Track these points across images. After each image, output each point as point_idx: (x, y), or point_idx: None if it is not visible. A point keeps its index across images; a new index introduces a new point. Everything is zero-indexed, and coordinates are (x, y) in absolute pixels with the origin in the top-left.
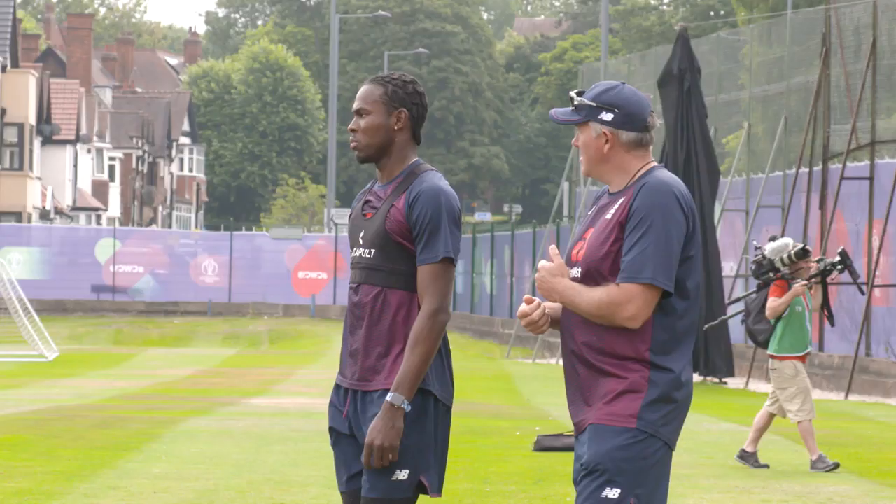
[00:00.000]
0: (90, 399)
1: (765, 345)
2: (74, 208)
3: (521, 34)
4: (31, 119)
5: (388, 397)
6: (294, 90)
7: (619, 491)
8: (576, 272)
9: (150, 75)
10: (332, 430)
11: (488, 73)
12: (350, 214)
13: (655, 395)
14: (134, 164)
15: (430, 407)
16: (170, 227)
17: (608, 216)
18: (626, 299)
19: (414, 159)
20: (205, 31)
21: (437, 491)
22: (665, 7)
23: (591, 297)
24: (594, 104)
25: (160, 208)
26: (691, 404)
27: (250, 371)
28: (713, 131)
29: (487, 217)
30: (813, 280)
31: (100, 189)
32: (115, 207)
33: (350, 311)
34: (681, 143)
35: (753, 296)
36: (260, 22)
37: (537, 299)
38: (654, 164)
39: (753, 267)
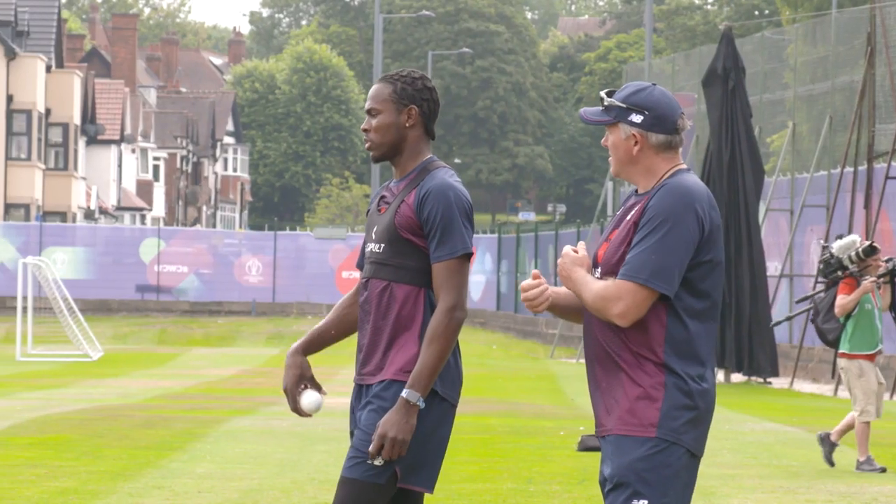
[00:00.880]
0: (134, 399)
1: (834, 343)
2: (119, 208)
3: (565, 34)
4: (76, 119)
5: (404, 393)
6: (338, 90)
7: (646, 502)
8: (597, 273)
9: (194, 75)
10: (351, 432)
11: (532, 73)
12: (367, 210)
13: (673, 401)
14: (178, 164)
15: (427, 399)
16: (214, 226)
17: (629, 217)
18: (617, 296)
19: (427, 156)
20: (249, 31)
21: (422, 484)
22: (709, 6)
23: (591, 288)
24: (624, 105)
25: (204, 208)
26: (733, 404)
27: None
28: (758, 131)
29: (531, 217)
30: (881, 279)
31: (144, 189)
32: (159, 207)
33: (360, 306)
34: (725, 143)
35: (822, 294)
36: (304, 22)
37: (542, 278)
38: (682, 166)
39: (821, 266)
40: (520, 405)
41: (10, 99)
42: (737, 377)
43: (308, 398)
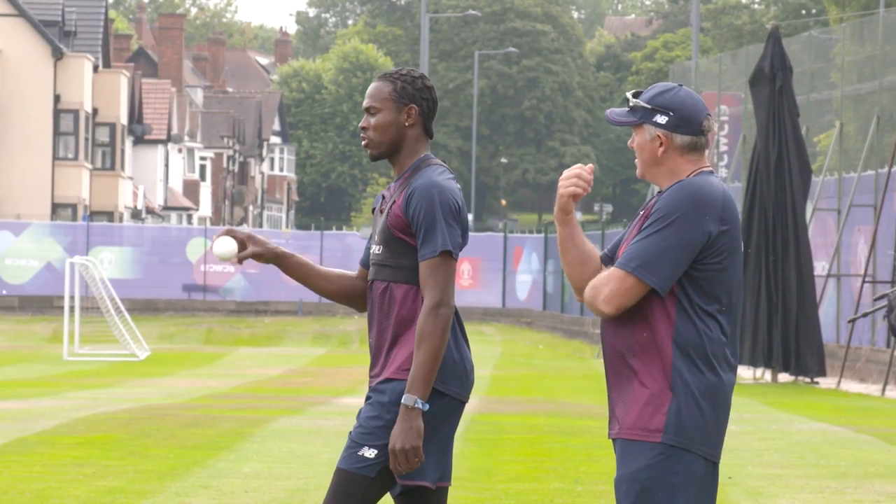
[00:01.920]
0: (181, 398)
1: None
2: (165, 208)
3: (612, 33)
4: (123, 119)
5: (403, 399)
6: None
7: None
8: None
9: (240, 75)
10: None
11: (578, 73)
12: (372, 209)
13: (681, 406)
14: (225, 164)
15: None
16: (260, 226)
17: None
18: (605, 282)
19: (422, 154)
20: (295, 30)
21: (422, 478)
22: (756, 6)
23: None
24: (649, 106)
25: (251, 208)
26: (780, 403)
27: (340, 370)
28: (805, 130)
29: (578, 216)
30: None
31: (191, 188)
32: (205, 207)
33: (368, 308)
34: (773, 143)
35: None
36: (350, 21)
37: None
38: (706, 168)
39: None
40: (566, 405)
41: (57, 99)
42: (784, 377)
43: (224, 244)
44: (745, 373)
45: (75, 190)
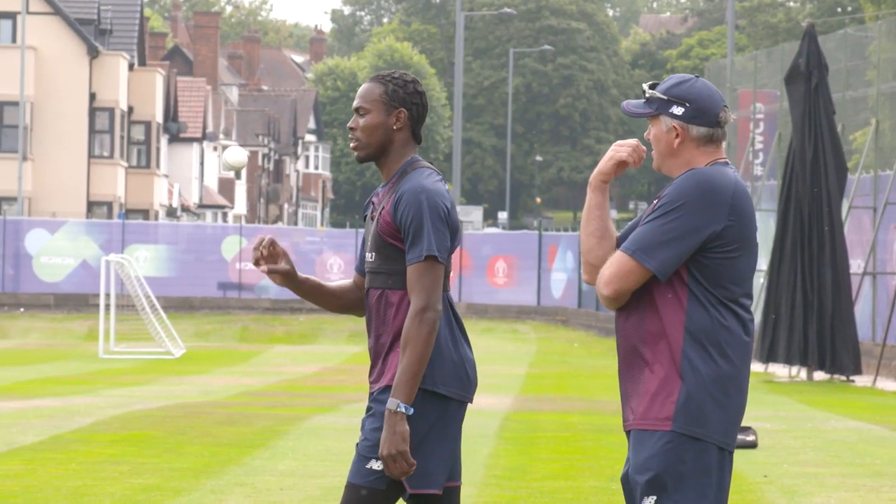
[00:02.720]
0: (216, 396)
1: None
2: (201, 206)
3: (647, 31)
4: (158, 117)
5: (388, 403)
6: None
7: (654, 498)
8: None
9: (275, 73)
10: None
11: (614, 71)
12: (363, 216)
13: (691, 393)
14: (260, 162)
15: (417, 400)
16: (295, 224)
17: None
18: (608, 265)
19: (408, 157)
20: (330, 28)
21: (428, 486)
22: (792, 3)
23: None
24: (665, 97)
25: (286, 206)
26: (816, 402)
27: None
28: (840, 128)
29: (613, 214)
30: None
31: (226, 187)
32: (241, 205)
33: (366, 316)
34: (808, 141)
35: None
36: (385, 19)
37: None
38: (721, 160)
39: None
40: (601, 403)
41: (92, 97)
42: (819, 375)
43: (236, 152)
44: (780, 371)
45: (111, 188)
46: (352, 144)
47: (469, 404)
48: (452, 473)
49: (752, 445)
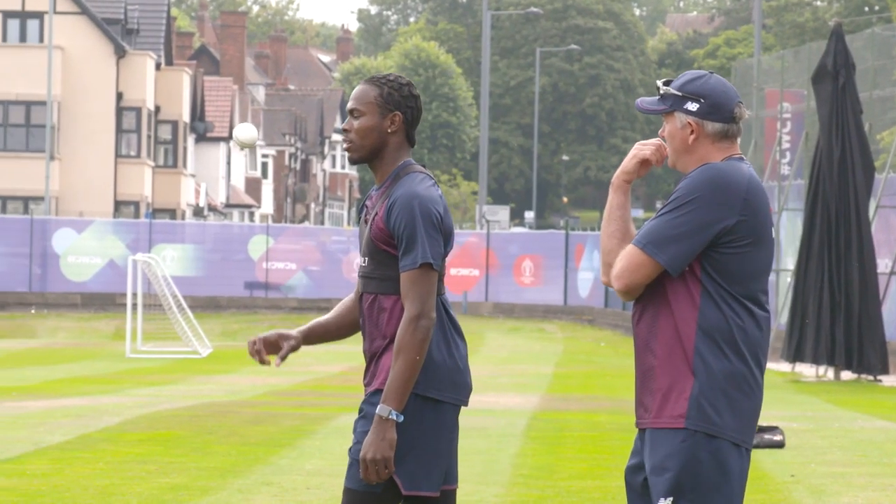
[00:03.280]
0: (243, 395)
1: None
2: (228, 205)
3: (674, 30)
4: (185, 116)
5: (377, 409)
6: (446, 88)
7: (671, 500)
8: None
9: (302, 73)
10: None
11: (640, 70)
12: (358, 220)
13: (704, 390)
14: (286, 162)
15: (411, 405)
16: (322, 223)
17: None
18: (619, 258)
19: (401, 161)
20: (357, 28)
21: (424, 488)
22: (819, 3)
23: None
24: (680, 94)
25: (312, 205)
26: (843, 402)
27: None
28: (868, 127)
29: (639, 214)
30: None
31: (253, 186)
32: (267, 204)
33: (360, 319)
34: (836, 140)
35: None
36: (412, 19)
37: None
38: (735, 156)
39: None
40: (628, 402)
41: (119, 96)
42: (846, 375)
43: (246, 129)
44: (807, 371)
45: (138, 187)
46: (345, 146)
47: (464, 407)
48: (448, 476)
49: (780, 445)
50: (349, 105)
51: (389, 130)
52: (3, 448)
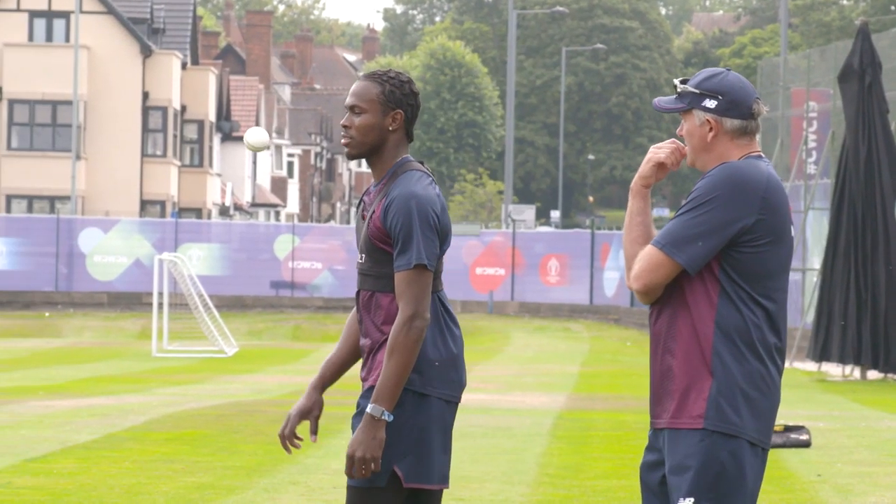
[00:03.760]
0: (269, 394)
1: None
2: (253, 205)
3: (700, 29)
4: (211, 116)
5: (368, 408)
6: (472, 87)
7: (692, 500)
8: None
9: (328, 72)
10: None
11: (666, 69)
12: (357, 216)
13: (722, 390)
14: (312, 161)
15: (408, 398)
16: (348, 223)
17: None
18: (638, 259)
19: (399, 158)
20: (383, 27)
21: (417, 481)
22: (845, 2)
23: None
24: (697, 91)
25: (338, 204)
26: (870, 401)
27: None
28: (894, 126)
29: (665, 213)
30: None
31: (278, 185)
32: (293, 204)
33: (357, 316)
34: (862, 139)
35: None
36: (438, 18)
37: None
38: (754, 153)
39: None
40: None
41: (145, 96)
42: (873, 374)
43: (257, 133)
44: (833, 370)
45: (164, 187)
46: (344, 142)
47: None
48: (443, 476)
49: (806, 444)
50: (349, 101)
51: (391, 128)
52: (30, 447)
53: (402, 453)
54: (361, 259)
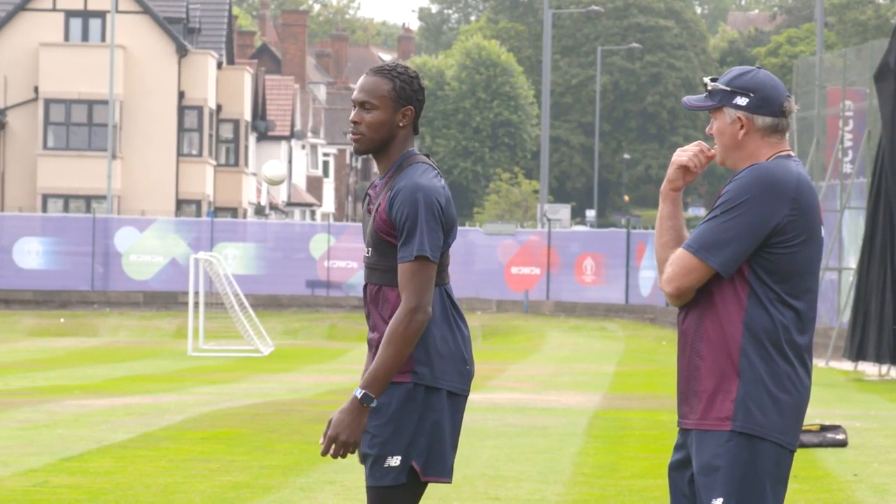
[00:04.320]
0: (305, 394)
1: None
2: (289, 204)
3: (735, 28)
4: (247, 115)
5: (357, 392)
6: (507, 86)
7: (720, 500)
8: None
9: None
10: None
11: (702, 68)
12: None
13: (749, 391)
14: (347, 160)
15: (419, 392)
16: None
17: None
18: (670, 262)
19: (405, 150)
20: (418, 27)
21: (434, 475)
22: (881, 0)
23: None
24: (728, 89)
25: None
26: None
27: None
28: None
29: (701, 212)
30: None
31: (314, 185)
32: (328, 203)
33: (365, 309)
34: None
35: None
36: (473, 18)
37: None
38: (783, 152)
39: None
40: None
41: (181, 95)
42: None
43: (275, 166)
44: (870, 370)
45: (199, 186)
46: (353, 137)
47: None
48: (451, 469)
49: (843, 444)
50: (359, 96)
51: (401, 124)
52: (67, 446)
53: (419, 448)
54: (368, 253)
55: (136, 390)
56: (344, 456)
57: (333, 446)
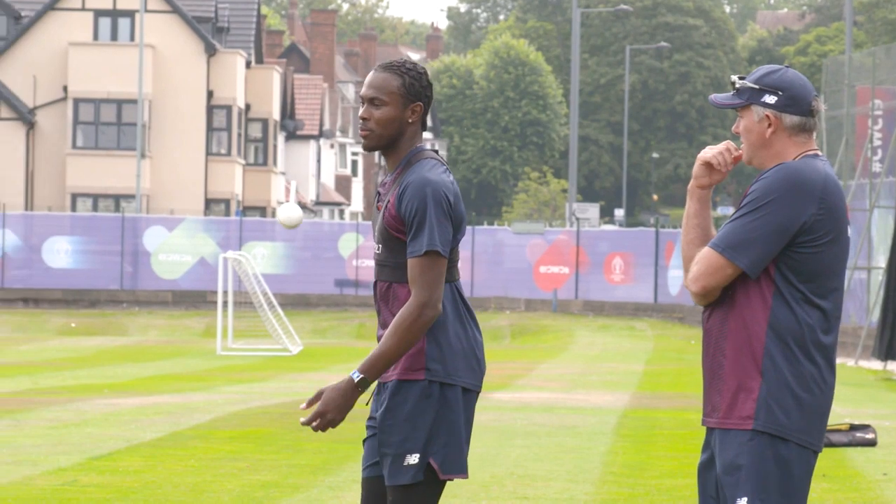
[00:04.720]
0: None
1: None
2: (318, 203)
3: (764, 27)
4: (276, 114)
5: (354, 375)
6: (535, 85)
7: (745, 500)
8: None
9: None
10: (368, 426)
11: (731, 67)
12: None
13: (772, 390)
14: (376, 159)
15: (434, 389)
16: None
17: None
18: (696, 261)
19: (413, 147)
20: (446, 26)
21: (452, 472)
22: None
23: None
24: (757, 87)
25: None
26: None
27: (492, 365)
28: None
29: (729, 211)
30: None
31: (343, 184)
32: (357, 202)
33: (375, 306)
34: None
35: None
36: (501, 17)
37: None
38: (811, 152)
39: None
40: None
41: (210, 95)
42: None
43: (291, 209)
44: None
45: (228, 185)
46: (362, 133)
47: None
48: (466, 465)
49: (872, 443)
50: (368, 92)
51: (410, 121)
52: (96, 445)
53: (436, 445)
54: (378, 249)
55: (165, 389)
56: (325, 430)
57: (319, 420)
